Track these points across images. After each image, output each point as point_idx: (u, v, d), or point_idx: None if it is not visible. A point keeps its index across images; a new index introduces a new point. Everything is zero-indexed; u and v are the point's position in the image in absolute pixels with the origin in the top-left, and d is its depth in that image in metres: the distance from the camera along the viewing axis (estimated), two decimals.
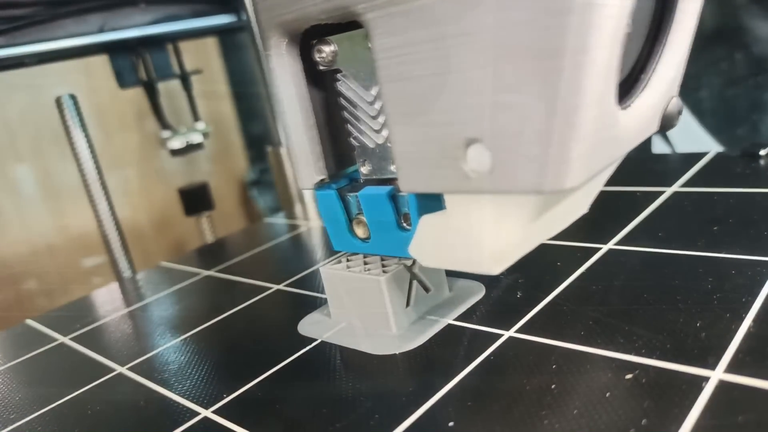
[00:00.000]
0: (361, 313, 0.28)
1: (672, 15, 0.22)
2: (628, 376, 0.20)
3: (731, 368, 0.19)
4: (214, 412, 0.24)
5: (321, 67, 0.24)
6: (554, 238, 0.34)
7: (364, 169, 0.25)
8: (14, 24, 0.52)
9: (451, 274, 0.31)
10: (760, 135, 0.54)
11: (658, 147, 0.59)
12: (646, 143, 0.60)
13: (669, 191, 0.37)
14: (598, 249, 0.31)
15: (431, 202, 0.23)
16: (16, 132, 0.70)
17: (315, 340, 0.28)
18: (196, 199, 0.74)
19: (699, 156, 0.43)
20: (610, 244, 0.31)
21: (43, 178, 0.71)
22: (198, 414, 0.24)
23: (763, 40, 0.54)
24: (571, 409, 0.19)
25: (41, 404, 0.28)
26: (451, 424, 0.20)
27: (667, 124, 0.23)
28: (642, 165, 0.46)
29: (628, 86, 0.22)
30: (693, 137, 0.58)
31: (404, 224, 0.25)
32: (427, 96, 0.20)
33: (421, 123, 0.20)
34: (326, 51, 0.24)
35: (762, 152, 0.40)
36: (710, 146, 0.57)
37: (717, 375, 0.19)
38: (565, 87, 0.17)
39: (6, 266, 0.69)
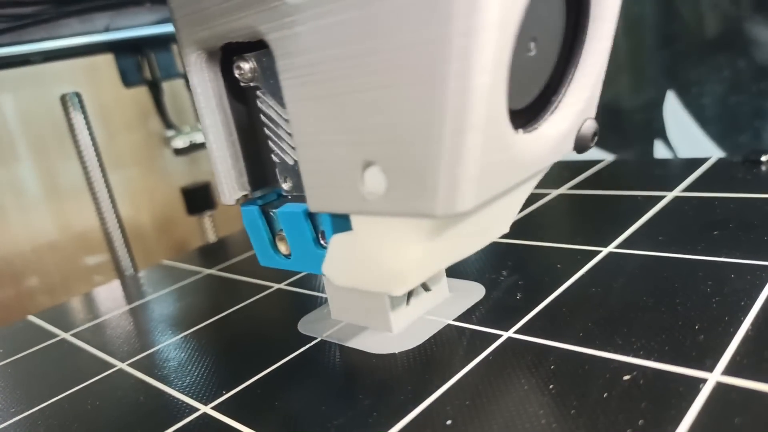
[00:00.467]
0: (361, 312, 0.28)
1: (584, 37, 0.22)
2: (626, 378, 0.20)
3: (729, 371, 0.19)
4: (213, 408, 0.24)
5: (242, 84, 0.24)
6: (554, 241, 0.34)
7: (286, 186, 0.25)
8: (21, 22, 0.52)
9: (452, 274, 0.31)
10: (763, 142, 0.54)
11: (660, 152, 0.59)
12: (648, 148, 0.60)
13: (670, 196, 0.37)
14: (598, 252, 0.31)
15: (345, 221, 0.23)
16: (20, 129, 0.70)
17: (315, 338, 0.28)
18: (198, 199, 0.74)
19: (700, 161, 0.43)
20: (611, 248, 0.31)
21: (46, 176, 0.72)
22: (197, 410, 0.24)
23: (765, 48, 0.54)
24: (568, 410, 0.19)
25: (42, 399, 0.28)
26: (449, 422, 0.20)
27: (580, 145, 0.23)
28: (643, 170, 0.46)
29: (537, 109, 0.22)
30: (695, 143, 0.58)
31: (321, 242, 0.25)
32: (326, 117, 0.20)
33: (323, 143, 0.21)
34: (245, 68, 0.23)
35: (763, 158, 0.40)
36: (712, 152, 0.57)
37: (714, 377, 0.19)
38: (449, 112, 0.17)
39: (8, 263, 0.69)
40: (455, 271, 0.32)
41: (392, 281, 0.22)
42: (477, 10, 0.16)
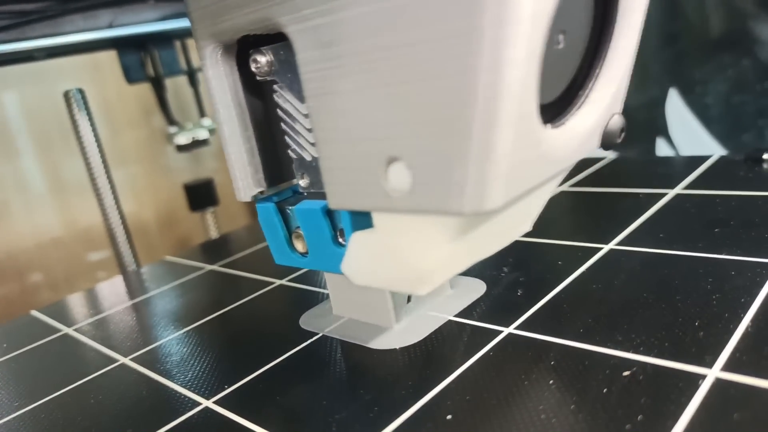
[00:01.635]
0: (362, 308, 0.28)
1: (612, 31, 0.22)
2: (626, 373, 0.20)
3: (728, 367, 0.19)
4: (215, 402, 0.24)
5: (258, 78, 0.24)
6: (555, 238, 0.34)
7: (303, 182, 0.25)
8: (25, 18, 0.52)
9: None
10: (765, 140, 0.54)
11: (663, 150, 0.59)
12: (650, 146, 0.60)
13: (671, 193, 0.37)
14: (599, 249, 0.31)
15: (365, 219, 0.22)
16: (23, 125, 0.70)
17: (316, 333, 0.28)
18: (201, 195, 0.74)
19: (702, 159, 0.43)
20: (612, 245, 0.31)
21: (49, 172, 0.72)
22: (199, 404, 0.24)
23: None
24: (568, 404, 0.19)
25: (45, 393, 0.28)
26: (449, 417, 0.20)
27: (607, 141, 0.22)
28: (645, 167, 0.46)
29: (564, 104, 0.21)
30: (698, 142, 0.58)
31: (340, 240, 0.24)
32: (350, 111, 0.19)
33: (345, 139, 0.20)
34: (261, 61, 0.23)
35: (765, 156, 0.40)
36: (715, 151, 0.57)
37: (714, 373, 0.19)
38: (479, 106, 0.17)
39: (12, 259, 0.69)
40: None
41: (416, 281, 0.22)
42: (509, 1, 0.16)
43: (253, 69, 0.23)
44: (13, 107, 0.70)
